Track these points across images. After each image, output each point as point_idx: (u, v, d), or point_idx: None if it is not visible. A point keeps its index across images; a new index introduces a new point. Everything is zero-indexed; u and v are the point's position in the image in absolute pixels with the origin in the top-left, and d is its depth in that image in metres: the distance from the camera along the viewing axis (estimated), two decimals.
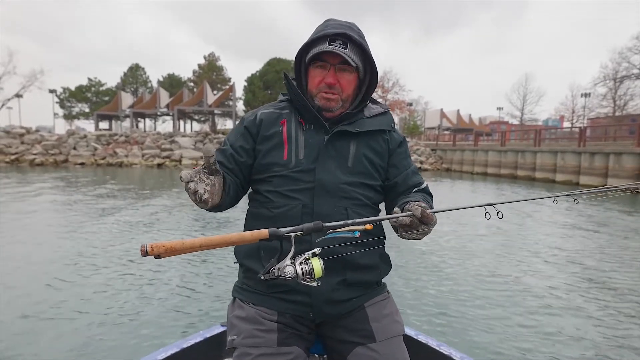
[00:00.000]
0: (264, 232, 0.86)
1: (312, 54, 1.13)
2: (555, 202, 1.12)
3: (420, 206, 0.98)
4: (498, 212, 0.97)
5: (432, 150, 31.69)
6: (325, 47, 1.11)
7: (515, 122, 51.32)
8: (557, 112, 51.57)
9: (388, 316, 1.17)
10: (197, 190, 0.96)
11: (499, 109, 55.03)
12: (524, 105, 48.58)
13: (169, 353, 1.41)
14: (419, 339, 1.52)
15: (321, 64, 1.14)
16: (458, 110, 48.93)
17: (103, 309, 3.56)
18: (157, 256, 0.74)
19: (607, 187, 1.23)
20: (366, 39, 1.19)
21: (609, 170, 16.13)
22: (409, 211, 0.98)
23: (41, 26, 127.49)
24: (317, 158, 1.14)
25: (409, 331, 1.52)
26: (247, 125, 1.21)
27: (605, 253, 5.89)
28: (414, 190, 1.22)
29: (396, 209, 1.02)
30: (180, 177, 0.97)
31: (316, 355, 1.31)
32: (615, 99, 36.87)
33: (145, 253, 0.73)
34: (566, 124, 46.72)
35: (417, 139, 43.40)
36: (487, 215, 0.98)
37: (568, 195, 1.12)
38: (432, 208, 1.12)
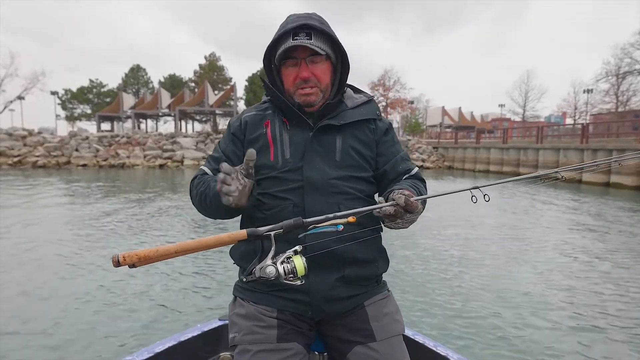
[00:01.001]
0: (242, 233, 0.84)
1: (279, 53, 1.11)
2: (542, 181, 1.12)
3: (403, 194, 0.95)
4: (485, 195, 0.95)
5: (434, 148, 31.58)
6: (290, 42, 1.09)
7: (518, 119, 51.11)
8: (559, 109, 51.43)
9: (388, 315, 1.16)
10: (230, 186, 0.95)
11: (501, 106, 54.78)
12: (526, 102, 48.38)
13: (166, 346, 1.41)
14: (416, 339, 1.52)
15: (292, 61, 1.13)
16: (460, 108, 48.80)
17: (101, 304, 3.59)
18: (132, 265, 0.72)
19: (592, 162, 1.24)
20: (329, 25, 1.17)
21: (611, 166, 16.04)
22: (393, 200, 0.96)
23: (40, 26, 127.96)
24: (303, 156, 1.13)
25: (406, 331, 1.52)
26: (234, 131, 1.22)
27: (609, 247, 5.85)
28: (404, 177, 1.20)
29: (380, 199, 1.02)
30: (221, 166, 0.96)
31: (316, 353, 1.31)
32: (618, 94, 36.61)
33: (117, 263, 0.70)
34: (569, 121, 46.55)
35: (419, 137, 43.28)
36: (474, 198, 0.96)
37: (555, 172, 1.12)
38: (422, 194, 1.11)
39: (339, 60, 1.21)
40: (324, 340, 1.20)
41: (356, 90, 1.29)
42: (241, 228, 1.20)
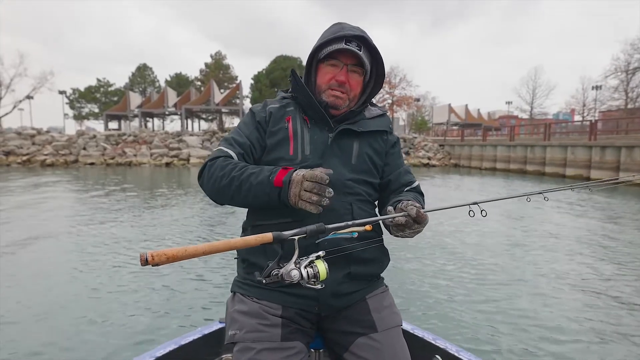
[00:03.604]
0: (268, 236, 0.86)
1: (328, 51, 1.18)
2: (528, 200, 1.20)
3: (415, 206, 1.02)
4: (482, 211, 1.00)
5: (440, 145, 31.44)
6: (342, 45, 1.15)
7: (525, 116, 50.64)
8: (567, 106, 50.86)
9: (387, 307, 1.21)
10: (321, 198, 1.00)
11: (508, 103, 54.32)
12: (534, 99, 47.93)
13: (167, 350, 1.42)
14: (415, 333, 1.56)
15: (334, 62, 1.19)
16: (466, 105, 48.30)
17: (101, 307, 3.59)
18: (156, 264, 0.73)
19: (571, 185, 1.29)
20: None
21: (620, 164, 15.88)
22: (404, 211, 1.02)
23: (43, 28, 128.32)
24: (323, 154, 1.18)
25: (406, 325, 1.55)
26: (259, 119, 1.24)
27: (603, 246, 5.81)
28: (406, 189, 1.27)
29: (389, 208, 1.07)
30: (329, 173, 1.01)
31: (312, 350, 1.32)
32: (628, 91, 36.18)
33: (145, 262, 0.71)
34: (577, 118, 46.02)
35: (425, 135, 43.08)
36: (471, 212, 1.02)
37: (540, 193, 1.19)
38: (423, 207, 1.18)
39: (372, 79, 1.29)
40: (323, 337, 1.22)
41: (371, 104, 1.36)
42: (248, 216, 1.24)
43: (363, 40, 1.18)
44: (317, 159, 1.18)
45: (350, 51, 1.16)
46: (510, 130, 27.17)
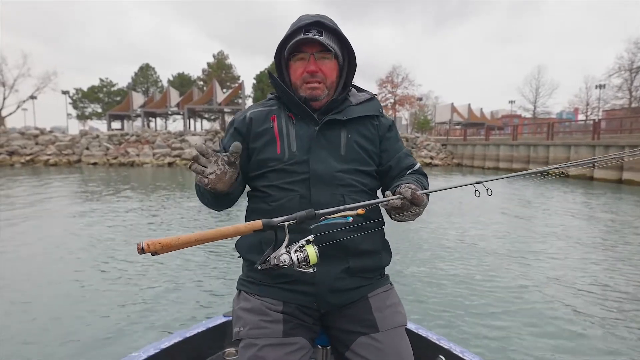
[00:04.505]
0: (258, 223, 0.87)
1: (290, 46, 1.16)
2: (543, 177, 1.17)
3: (410, 188, 1.00)
4: (487, 189, 0.98)
5: (443, 145, 31.39)
6: (301, 36, 1.14)
7: (528, 115, 50.47)
8: (571, 105, 50.66)
9: (391, 307, 1.18)
10: (206, 169, 0.99)
11: (511, 102, 54.17)
12: (537, 98, 47.76)
13: (172, 342, 1.44)
14: (419, 333, 1.54)
15: (301, 55, 1.18)
16: (469, 104, 48.22)
17: (107, 300, 3.64)
18: (154, 253, 0.75)
19: (593, 159, 1.26)
20: (339, 27, 1.22)
21: (624, 163, 15.81)
22: (400, 194, 1.00)
23: (46, 27, 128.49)
24: (309, 149, 1.16)
25: (410, 325, 1.54)
26: (237, 126, 1.25)
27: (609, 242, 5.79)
28: (408, 173, 1.24)
29: (388, 193, 1.05)
30: (195, 145, 0.98)
31: (319, 347, 1.33)
32: (631, 90, 36.00)
33: (141, 250, 0.74)
34: (581, 117, 45.84)
35: (428, 134, 43.03)
36: (477, 192, 0.99)
37: (556, 167, 1.14)
38: (425, 188, 1.15)
39: (346, 61, 1.25)
40: (328, 334, 1.21)
41: (359, 89, 1.33)
42: (246, 220, 1.22)
43: (322, 26, 1.16)
44: (303, 154, 1.16)
45: (311, 39, 1.14)
46: (513, 129, 27.08)
